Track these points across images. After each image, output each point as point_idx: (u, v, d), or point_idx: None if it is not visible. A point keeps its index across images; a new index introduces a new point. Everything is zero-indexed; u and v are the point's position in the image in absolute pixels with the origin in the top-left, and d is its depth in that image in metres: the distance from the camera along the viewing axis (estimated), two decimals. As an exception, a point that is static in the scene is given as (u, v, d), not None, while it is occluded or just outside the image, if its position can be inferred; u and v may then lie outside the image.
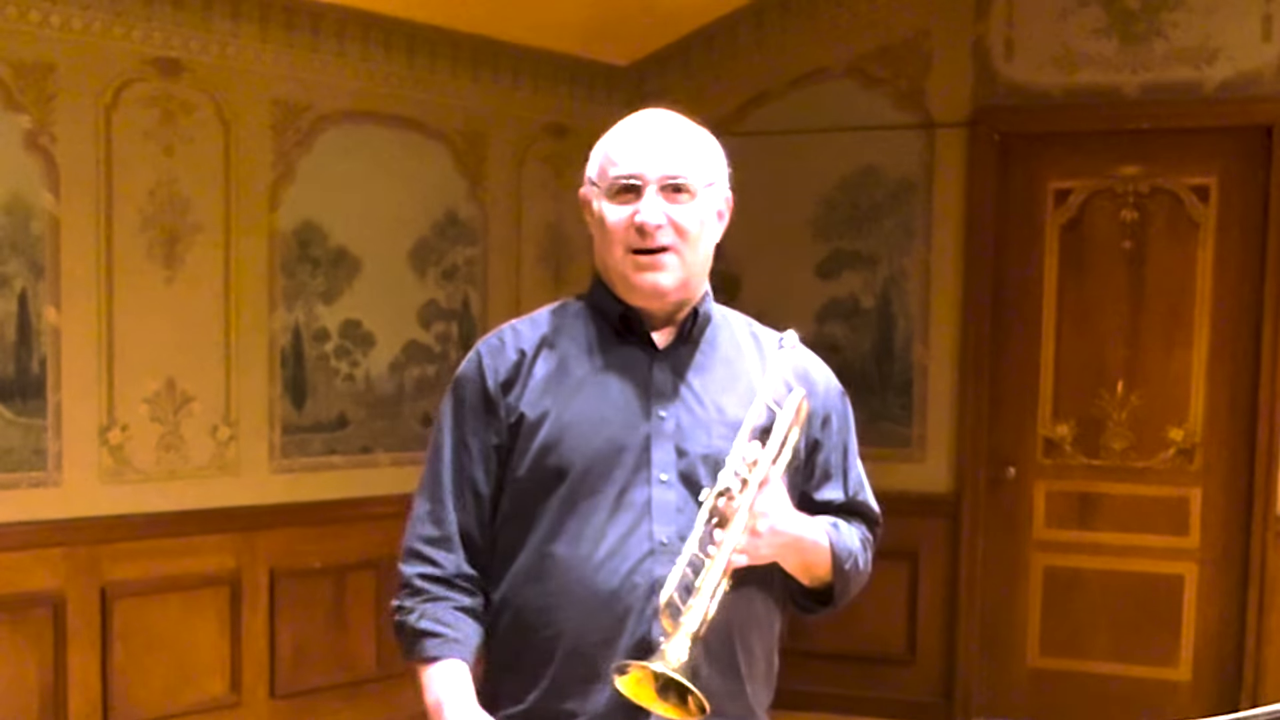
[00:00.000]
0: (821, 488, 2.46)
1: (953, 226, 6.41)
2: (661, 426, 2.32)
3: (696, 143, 2.37)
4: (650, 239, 2.29)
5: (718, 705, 2.05)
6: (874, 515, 2.55)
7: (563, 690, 2.29)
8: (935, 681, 6.49)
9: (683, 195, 2.31)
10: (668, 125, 2.37)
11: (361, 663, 5.88)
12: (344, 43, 5.78)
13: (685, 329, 2.39)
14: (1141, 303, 6.20)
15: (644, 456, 2.30)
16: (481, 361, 2.39)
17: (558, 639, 2.28)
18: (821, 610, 2.46)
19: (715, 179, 2.37)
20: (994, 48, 6.30)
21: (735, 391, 2.36)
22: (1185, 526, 6.20)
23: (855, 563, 2.43)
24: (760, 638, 2.39)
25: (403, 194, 6.01)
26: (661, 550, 2.26)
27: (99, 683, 5.14)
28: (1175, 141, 6.12)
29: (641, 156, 2.31)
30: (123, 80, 5.12)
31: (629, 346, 2.37)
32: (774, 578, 2.36)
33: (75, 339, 5.04)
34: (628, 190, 2.31)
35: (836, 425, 2.48)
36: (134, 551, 5.21)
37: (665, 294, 2.33)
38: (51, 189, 4.96)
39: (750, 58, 6.73)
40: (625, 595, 2.25)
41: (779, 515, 2.25)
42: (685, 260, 2.33)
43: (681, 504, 2.28)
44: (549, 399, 2.33)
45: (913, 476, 6.48)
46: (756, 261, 6.69)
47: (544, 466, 2.29)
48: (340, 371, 5.83)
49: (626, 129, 2.37)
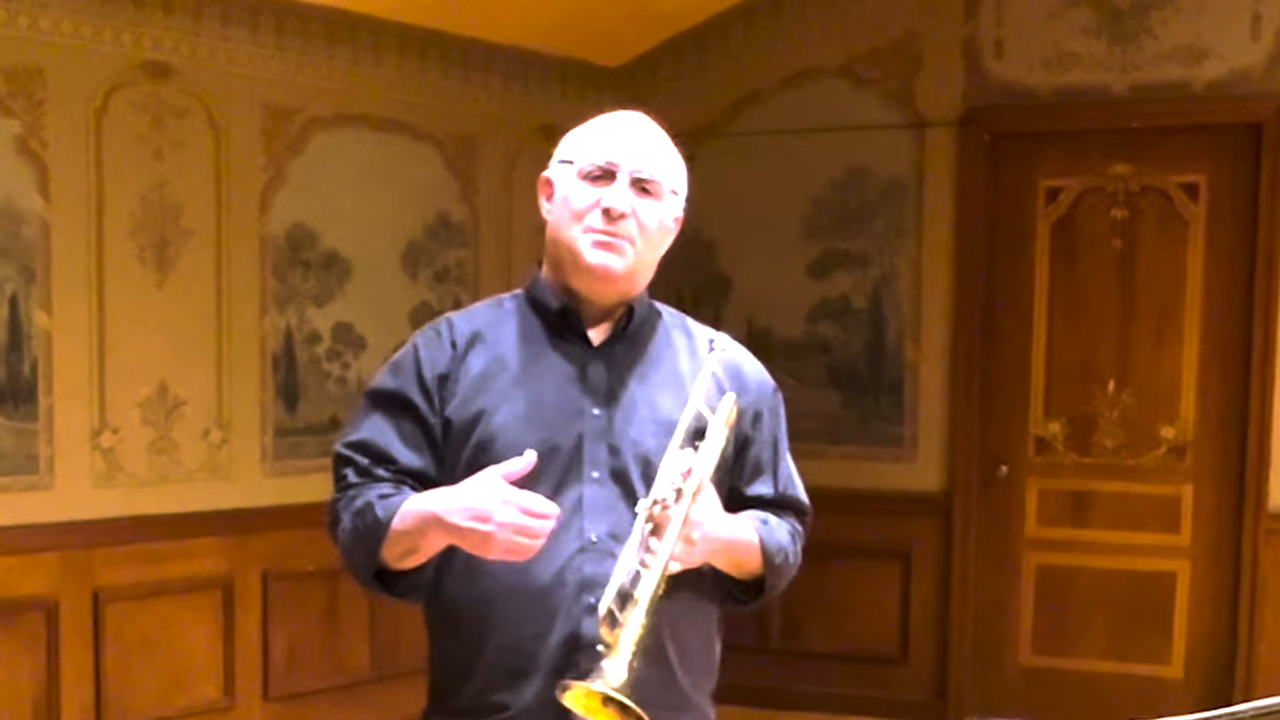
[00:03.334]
0: (752, 483, 2.50)
1: (944, 226, 6.42)
2: (595, 424, 2.35)
3: (669, 151, 2.45)
4: (614, 223, 2.34)
5: (648, 695, 2.07)
6: (803, 507, 2.59)
7: (495, 684, 2.33)
8: (928, 680, 6.50)
9: (650, 194, 2.38)
10: (647, 127, 2.45)
11: (355, 665, 5.88)
12: (334, 46, 5.78)
13: (621, 327, 2.42)
14: (1132, 301, 6.21)
15: (577, 454, 2.33)
16: (418, 353, 2.41)
17: (490, 634, 2.32)
18: (753, 603, 2.50)
19: (679, 190, 2.46)
20: (984, 47, 6.31)
21: (669, 390, 2.40)
22: (1177, 524, 6.21)
23: (785, 557, 2.48)
24: (694, 630, 2.43)
25: (394, 197, 6.01)
26: (592, 548, 2.30)
27: (92, 686, 5.14)
28: (1165, 140, 6.13)
29: (620, 147, 2.38)
30: (113, 84, 5.13)
31: (565, 343, 2.41)
32: (705, 574, 2.40)
33: (66, 343, 5.04)
34: (601, 176, 2.36)
35: (767, 422, 2.52)
36: (126, 555, 5.21)
37: (614, 279, 2.37)
38: (42, 193, 4.96)
39: (741, 58, 6.73)
40: (556, 591, 2.29)
41: (712, 522, 2.28)
42: (639, 253, 2.38)
43: (613, 502, 2.32)
44: (483, 396, 2.36)
45: (904, 476, 6.49)
46: (748, 262, 6.71)
47: (478, 464, 2.29)
48: (332, 374, 5.83)
49: (608, 120, 2.44)
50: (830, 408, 6.61)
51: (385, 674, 5.84)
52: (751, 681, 6.56)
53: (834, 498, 6.49)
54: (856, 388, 6.56)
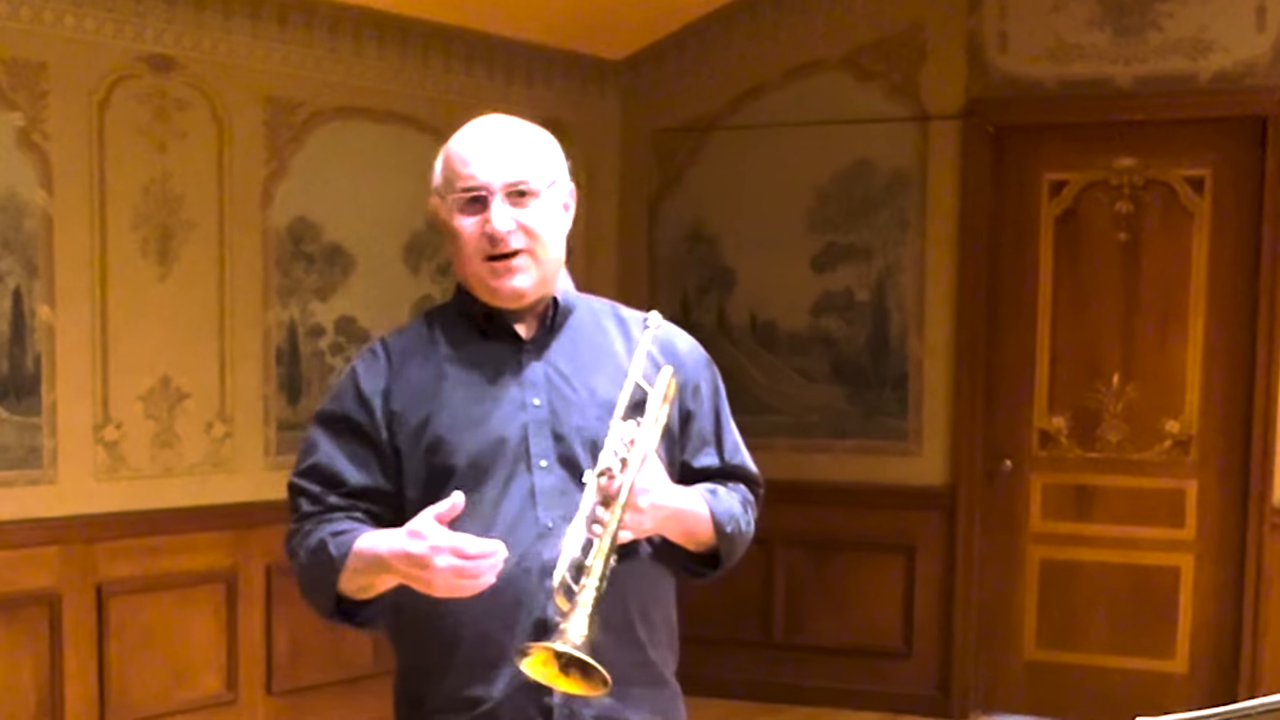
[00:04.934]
0: (698, 455, 2.53)
1: (947, 219, 6.40)
2: (536, 414, 2.40)
3: (533, 144, 2.44)
4: (503, 245, 2.37)
5: (626, 676, 2.12)
6: (753, 476, 2.61)
7: (468, 678, 2.36)
8: (932, 674, 6.49)
9: (527, 198, 2.39)
10: (503, 132, 2.44)
11: (358, 659, 5.87)
12: (336, 38, 5.77)
13: (547, 319, 2.46)
14: (1137, 295, 6.19)
15: (523, 445, 2.38)
16: (356, 375, 2.46)
17: (458, 629, 2.35)
18: (710, 574, 2.53)
19: (556, 176, 2.45)
20: (988, 40, 6.30)
21: (603, 372, 2.44)
22: (1181, 518, 6.20)
23: (737, 525, 2.50)
24: (656, 604, 2.47)
25: (396, 190, 5.99)
26: (548, 534, 2.33)
27: (95, 680, 5.14)
28: (1170, 133, 6.11)
29: (482, 167, 2.39)
30: (115, 77, 5.11)
31: (496, 342, 2.45)
32: (660, 547, 2.44)
33: (69, 336, 5.03)
34: (475, 201, 2.38)
35: (706, 393, 2.55)
36: (129, 549, 5.21)
37: (524, 295, 2.41)
38: (45, 186, 4.95)
39: (744, 51, 6.72)
40: (518, 580, 2.32)
41: (658, 490, 2.32)
42: (539, 259, 2.40)
43: (564, 487, 2.35)
44: (425, 403, 2.40)
45: (909, 470, 6.48)
46: (751, 255, 6.70)
47: (432, 468, 2.37)
48: (335, 368, 5.82)
49: (464, 141, 2.44)
50: (834, 402, 6.60)
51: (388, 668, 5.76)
52: (755, 675, 6.57)
53: (837, 492, 6.54)
54: (860, 381, 6.54)
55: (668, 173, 6.90)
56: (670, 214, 6.90)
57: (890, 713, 6.44)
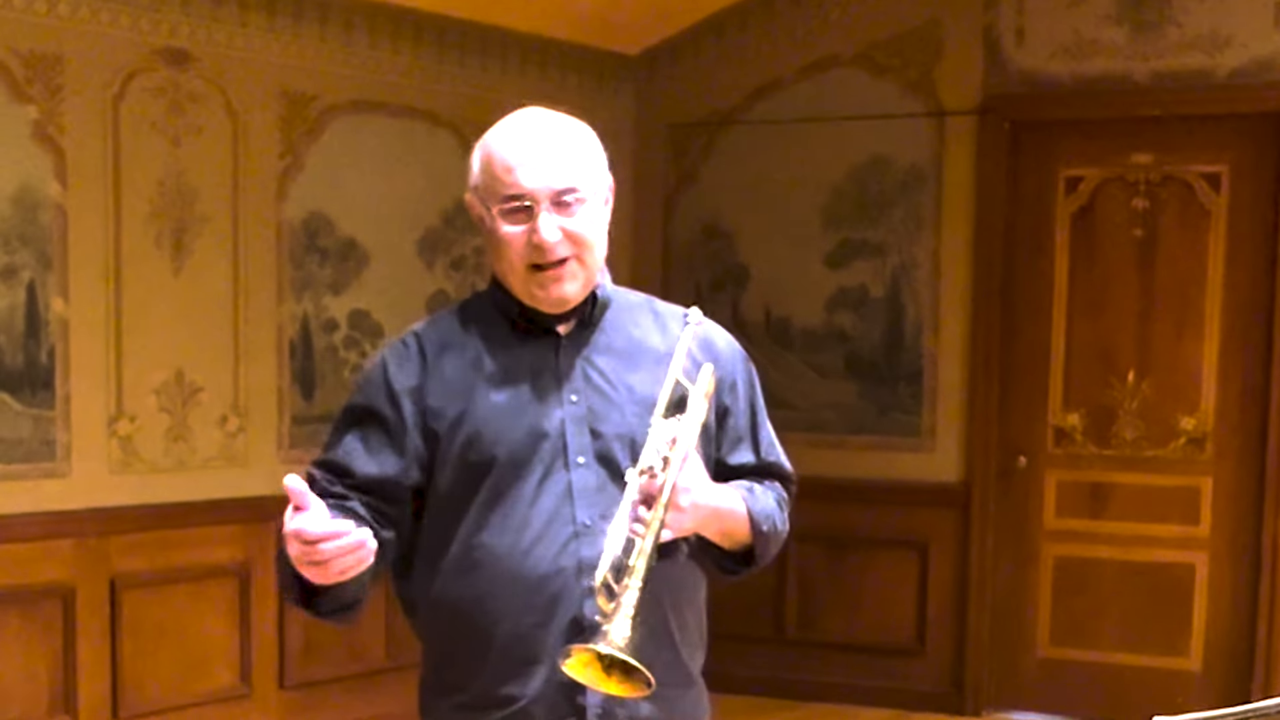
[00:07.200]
0: (734, 452, 2.52)
1: (963, 215, 6.39)
2: (574, 411, 2.37)
3: (576, 146, 2.39)
4: (550, 254, 2.32)
5: (657, 676, 2.09)
6: (787, 473, 2.60)
7: (502, 675, 2.34)
8: (945, 671, 6.48)
9: (574, 205, 2.34)
10: (546, 133, 2.38)
11: (371, 654, 5.88)
12: (351, 32, 5.77)
13: (585, 315, 2.43)
14: (1152, 291, 6.17)
15: (560, 442, 2.35)
16: (386, 367, 2.42)
17: (493, 626, 2.33)
18: (744, 570, 2.51)
19: (599, 176, 2.41)
20: (1004, 35, 6.28)
21: (642, 369, 2.41)
22: (1196, 516, 6.18)
23: (773, 524, 2.48)
24: (690, 605, 2.46)
25: (411, 184, 6.00)
26: (585, 531, 2.31)
27: (108, 673, 5.15)
28: (1187, 129, 6.09)
29: (528, 174, 2.32)
30: (130, 70, 5.12)
31: (533, 337, 2.42)
32: (695, 545, 2.42)
33: (83, 330, 5.04)
34: (518, 210, 2.33)
35: (743, 390, 2.54)
36: (143, 542, 5.22)
37: (569, 301, 2.38)
38: (59, 180, 4.95)
39: (760, 46, 6.71)
40: (554, 578, 2.30)
41: (699, 489, 2.29)
42: (586, 264, 2.37)
43: (601, 484, 2.33)
44: (462, 398, 2.37)
45: (923, 466, 6.47)
46: (766, 251, 6.69)
47: (468, 463, 2.34)
48: (349, 362, 5.83)
49: (507, 143, 2.37)
50: (848, 398, 6.59)
51: (401, 663, 5.82)
52: (768, 672, 6.57)
53: (851, 488, 6.53)
54: (874, 378, 6.53)
55: (683, 168, 6.89)
56: (685, 209, 6.89)
57: (903, 709, 6.43)
